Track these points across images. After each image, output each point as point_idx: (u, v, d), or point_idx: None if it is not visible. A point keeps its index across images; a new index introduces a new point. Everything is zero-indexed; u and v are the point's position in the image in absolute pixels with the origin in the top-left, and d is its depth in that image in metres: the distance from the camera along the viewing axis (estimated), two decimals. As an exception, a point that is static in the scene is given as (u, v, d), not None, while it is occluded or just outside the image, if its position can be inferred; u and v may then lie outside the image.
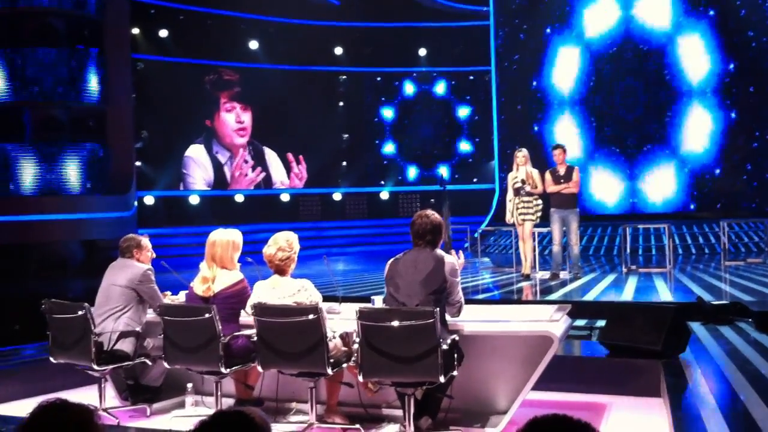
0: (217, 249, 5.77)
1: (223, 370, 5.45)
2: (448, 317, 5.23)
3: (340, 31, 22.93)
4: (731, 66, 19.12)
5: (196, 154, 21.31)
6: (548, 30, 20.96)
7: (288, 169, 22.64)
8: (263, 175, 22.26)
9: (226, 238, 5.83)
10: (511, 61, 21.87)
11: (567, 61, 20.62)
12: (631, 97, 19.84)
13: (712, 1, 19.28)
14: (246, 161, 22.03)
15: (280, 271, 5.53)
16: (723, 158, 19.18)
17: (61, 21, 17.38)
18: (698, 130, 19.37)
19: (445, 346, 4.82)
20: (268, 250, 5.53)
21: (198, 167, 21.30)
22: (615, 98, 20.04)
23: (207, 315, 5.43)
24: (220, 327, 5.43)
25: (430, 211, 5.42)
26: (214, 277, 5.72)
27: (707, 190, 19.26)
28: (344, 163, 23.53)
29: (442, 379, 4.81)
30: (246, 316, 5.61)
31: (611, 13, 20.04)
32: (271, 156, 22.40)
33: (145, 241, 6.44)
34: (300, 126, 21.97)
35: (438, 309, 4.86)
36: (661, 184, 19.62)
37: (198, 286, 5.75)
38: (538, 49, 21.12)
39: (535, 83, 21.22)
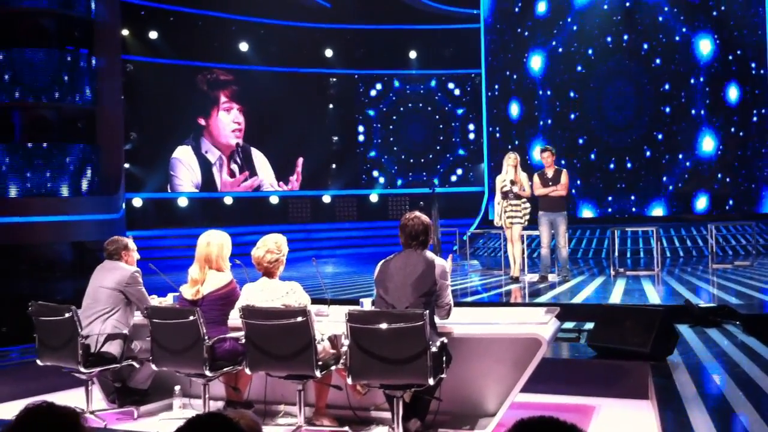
0: (212, 249, 5.74)
1: (207, 372, 5.43)
2: (437, 319, 5.24)
3: (331, 33, 22.93)
4: (722, 68, 19.22)
5: (183, 155, 21.24)
6: (539, 33, 20.99)
7: (288, 173, 22.65)
8: (258, 180, 22.23)
9: (220, 239, 5.82)
10: (501, 63, 21.89)
11: (557, 63, 20.66)
12: (621, 99, 19.90)
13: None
14: (236, 162, 21.99)
15: (269, 273, 5.51)
16: (710, 160, 19.24)
17: (51, 22, 17.33)
18: (689, 132, 19.44)
19: (434, 349, 4.83)
20: (257, 252, 5.52)
21: (185, 169, 21.23)
22: (604, 101, 20.08)
23: (191, 317, 5.41)
24: (205, 329, 5.41)
25: (418, 213, 5.45)
26: (203, 278, 5.69)
27: (695, 192, 19.31)
28: (334, 166, 23.52)
29: (431, 381, 4.81)
30: (235, 319, 5.59)
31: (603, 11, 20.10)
32: (259, 158, 22.35)
33: (132, 243, 6.43)
34: (290, 128, 21.93)
35: (427, 311, 4.87)
36: (649, 187, 19.67)
37: (187, 290, 5.72)
38: (528, 51, 21.14)
39: (525, 86, 21.24)
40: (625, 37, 19.83)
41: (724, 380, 5.74)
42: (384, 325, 4.83)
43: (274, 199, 22.39)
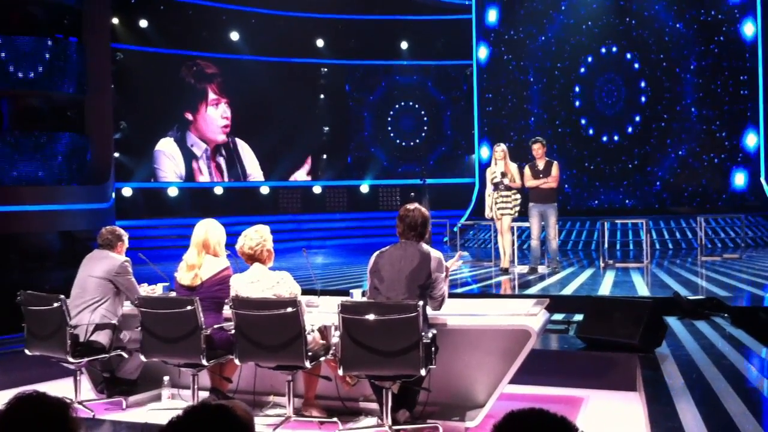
0: (211, 235, 5.78)
1: (204, 362, 5.43)
2: (428, 310, 5.24)
3: (322, 23, 22.86)
4: (707, 65, 19.27)
5: (166, 147, 21.15)
6: (531, 25, 20.98)
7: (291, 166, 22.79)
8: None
9: (219, 226, 5.89)
10: (493, 54, 21.86)
11: (549, 56, 20.66)
12: (613, 92, 19.93)
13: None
14: (222, 155, 21.95)
15: (256, 259, 5.51)
16: (700, 154, 19.30)
17: (40, 9, 17.18)
18: (677, 125, 19.49)
19: (426, 340, 4.83)
20: (238, 244, 5.55)
21: (169, 160, 21.14)
22: (595, 93, 20.10)
23: (189, 307, 5.40)
24: (203, 318, 5.41)
25: (418, 204, 5.47)
26: (201, 264, 5.69)
27: (685, 185, 19.38)
28: (324, 156, 23.48)
29: (423, 372, 4.83)
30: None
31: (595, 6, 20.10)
32: (245, 150, 22.28)
33: (126, 237, 6.43)
34: (280, 118, 21.88)
35: (421, 303, 4.87)
36: (639, 179, 19.73)
37: (184, 276, 5.71)
38: (521, 43, 21.14)
39: (516, 77, 21.24)
40: (618, 29, 19.84)
41: (711, 372, 5.77)
42: (378, 316, 4.83)
43: (264, 190, 22.34)
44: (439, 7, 23.28)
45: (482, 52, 21.96)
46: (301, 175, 23.03)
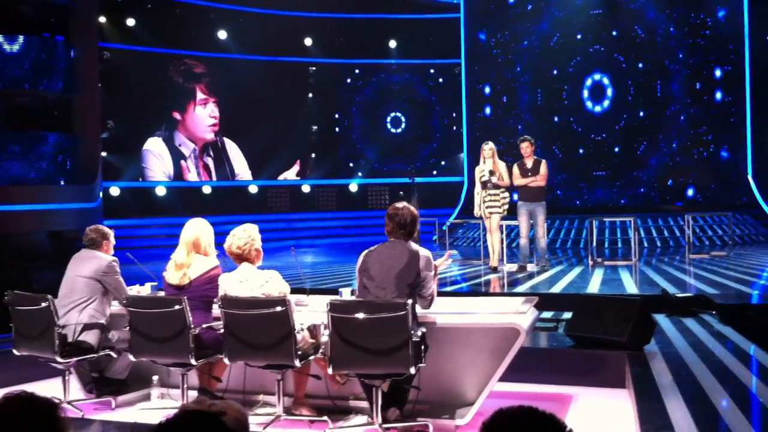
0: (201, 235, 5.77)
1: (192, 361, 5.42)
2: (418, 309, 5.24)
3: (311, 22, 22.82)
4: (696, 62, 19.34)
5: (154, 147, 21.08)
6: (520, 24, 21.01)
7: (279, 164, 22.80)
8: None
9: (209, 226, 5.88)
10: (482, 53, 21.88)
11: (537, 54, 20.69)
12: (600, 90, 19.98)
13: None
14: (210, 155, 21.90)
15: (246, 259, 5.50)
16: (689, 149, 19.37)
17: (28, 8, 17.07)
18: (666, 124, 19.56)
19: (415, 338, 4.84)
20: (226, 243, 5.54)
21: (157, 160, 21.07)
22: (583, 92, 20.14)
23: (177, 306, 5.38)
24: (191, 318, 5.39)
25: (406, 203, 5.47)
26: (190, 263, 5.68)
27: (672, 183, 19.45)
28: (313, 155, 23.46)
29: (412, 370, 4.83)
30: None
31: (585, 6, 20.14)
32: (233, 150, 22.23)
33: (112, 235, 6.40)
34: (269, 117, 21.83)
35: (410, 301, 4.87)
36: (627, 178, 19.79)
37: (172, 276, 5.70)
38: (510, 42, 21.17)
39: (505, 75, 21.27)
40: (605, 26, 19.89)
41: (700, 369, 5.80)
42: (367, 315, 4.83)
43: (253, 189, 22.30)
44: (428, 5, 23.27)
45: (471, 51, 22.00)
46: (290, 175, 23.02)
